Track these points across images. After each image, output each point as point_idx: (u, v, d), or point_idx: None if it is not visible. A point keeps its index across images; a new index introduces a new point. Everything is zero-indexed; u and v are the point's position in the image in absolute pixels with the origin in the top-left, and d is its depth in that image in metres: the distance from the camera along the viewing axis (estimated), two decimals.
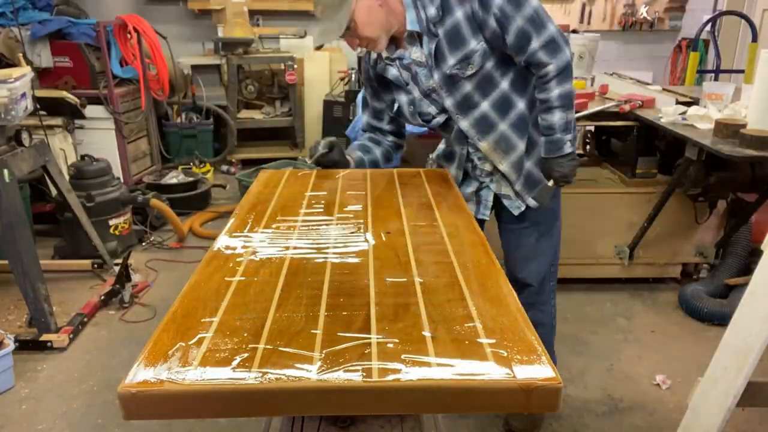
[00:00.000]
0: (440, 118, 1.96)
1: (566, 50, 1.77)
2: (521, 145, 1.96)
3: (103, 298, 3.18)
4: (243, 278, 1.30)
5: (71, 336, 2.87)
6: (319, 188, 1.94)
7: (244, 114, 5.64)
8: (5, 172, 2.73)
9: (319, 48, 5.64)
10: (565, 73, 1.79)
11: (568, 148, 1.88)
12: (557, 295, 3.27)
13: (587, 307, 3.21)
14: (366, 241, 1.50)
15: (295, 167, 4.57)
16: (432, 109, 1.94)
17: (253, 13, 5.64)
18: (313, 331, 1.08)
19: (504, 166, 1.99)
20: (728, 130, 2.60)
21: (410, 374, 0.95)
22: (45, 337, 2.82)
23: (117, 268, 3.31)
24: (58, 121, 4.12)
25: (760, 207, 3.10)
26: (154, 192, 4.09)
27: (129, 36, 4.78)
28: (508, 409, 0.99)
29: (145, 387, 0.93)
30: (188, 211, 4.41)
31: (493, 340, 1.05)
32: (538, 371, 0.96)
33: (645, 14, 5.80)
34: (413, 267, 1.35)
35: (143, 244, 4.01)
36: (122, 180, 4.41)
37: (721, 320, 2.94)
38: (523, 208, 2.10)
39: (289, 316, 1.13)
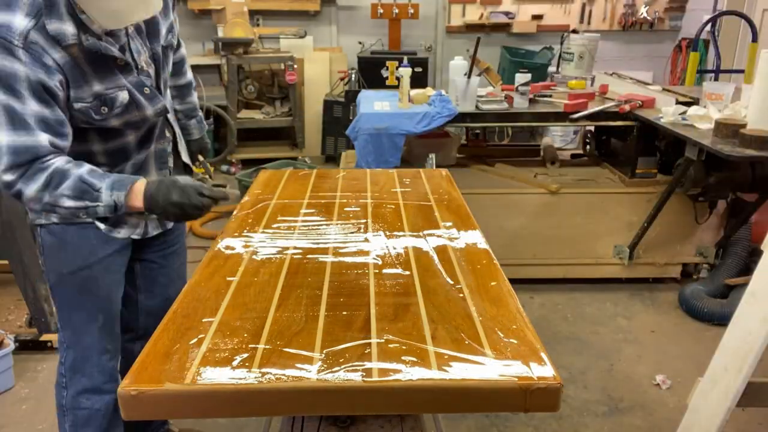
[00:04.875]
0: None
1: None
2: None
3: None
4: (243, 278, 1.30)
5: None
6: (319, 188, 1.94)
7: (244, 114, 5.63)
8: None
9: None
10: None
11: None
12: (558, 295, 3.29)
13: (587, 307, 3.21)
14: (366, 240, 1.51)
15: (295, 167, 4.58)
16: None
17: (253, 13, 5.63)
18: (313, 331, 1.08)
19: (185, 156, 1.81)
20: (728, 130, 2.60)
21: (410, 374, 0.95)
22: (45, 337, 2.81)
23: None
24: None
25: (760, 207, 3.10)
26: None
27: None
28: (508, 409, 0.99)
29: (145, 387, 0.93)
30: None
31: (493, 341, 1.05)
32: (538, 371, 0.96)
33: (645, 14, 5.80)
34: (413, 267, 1.35)
35: None
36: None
37: (721, 320, 2.93)
38: None
39: (289, 316, 1.14)
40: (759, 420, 2.35)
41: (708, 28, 4.18)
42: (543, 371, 0.96)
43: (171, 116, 1.70)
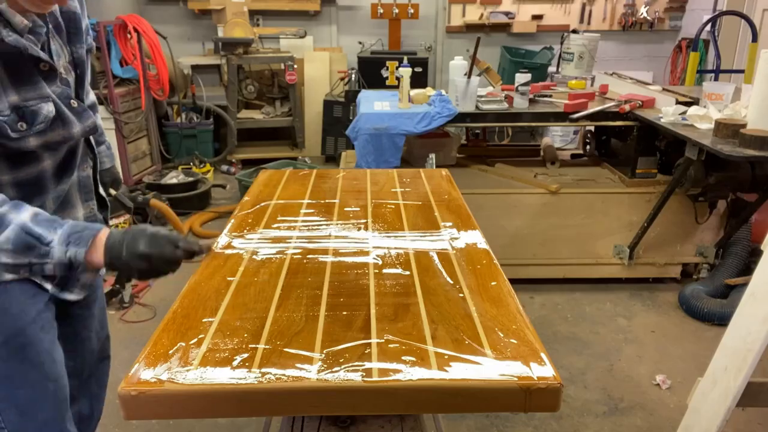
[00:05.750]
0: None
1: None
2: None
3: None
4: (243, 278, 1.30)
5: None
6: (319, 188, 1.94)
7: (244, 114, 5.63)
8: None
9: None
10: None
11: None
12: (558, 295, 3.29)
13: (587, 307, 3.21)
14: (366, 240, 1.50)
15: (295, 167, 4.58)
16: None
17: (253, 13, 5.63)
18: (313, 331, 1.08)
19: (101, 187, 1.50)
20: (728, 130, 2.60)
21: (410, 374, 0.95)
22: None
23: None
24: None
25: (760, 207, 3.10)
26: (154, 192, 4.09)
27: (129, 36, 4.78)
28: (508, 409, 0.99)
29: (145, 387, 0.93)
30: (188, 211, 4.41)
31: (493, 341, 1.05)
32: (538, 371, 0.96)
33: (645, 14, 5.80)
34: (413, 267, 1.35)
35: None
36: (122, 180, 4.41)
37: (721, 320, 2.94)
38: None
39: (289, 316, 1.13)
40: (759, 420, 2.35)
41: (708, 28, 4.19)
42: (543, 371, 0.96)
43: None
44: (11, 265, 1.10)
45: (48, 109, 1.15)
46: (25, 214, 1.09)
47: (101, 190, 1.49)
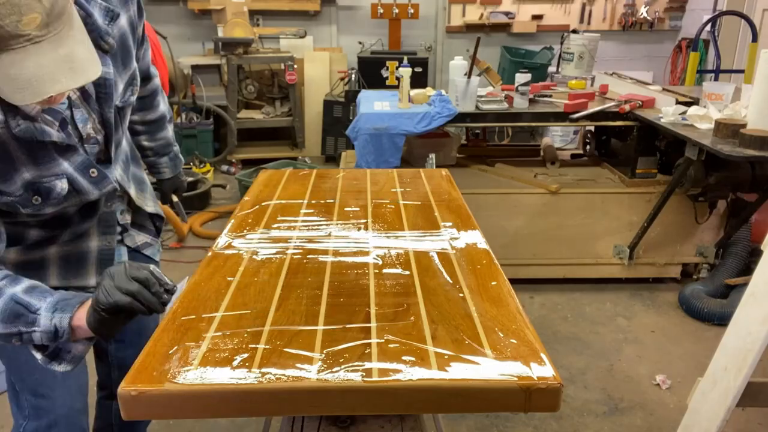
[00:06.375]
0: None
1: None
2: (145, 175, 1.62)
3: None
4: (243, 278, 1.30)
5: None
6: (319, 188, 1.94)
7: (244, 114, 5.63)
8: None
9: None
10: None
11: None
12: (558, 295, 3.29)
13: (587, 307, 3.21)
14: (366, 240, 1.50)
15: (295, 167, 4.58)
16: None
17: (253, 13, 5.63)
18: (313, 331, 1.08)
19: (150, 206, 1.56)
20: (728, 130, 2.60)
21: (410, 374, 0.95)
22: None
23: None
24: None
25: (760, 207, 3.10)
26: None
27: None
28: (508, 409, 0.99)
29: (145, 387, 0.93)
30: (188, 211, 4.41)
31: (493, 341, 1.05)
32: (538, 371, 0.96)
33: (645, 14, 5.80)
34: (413, 267, 1.35)
35: None
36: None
37: (721, 320, 2.94)
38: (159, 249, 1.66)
39: (289, 316, 1.14)
40: (759, 420, 2.35)
41: (708, 28, 4.19)
42: (543, 371, 0.96)
43: (120, 175, 1.39)
44: (3, 334, 1.09)
45: (61, 186, 1.18)
46: (19, 287, 1.09)
47: (150, 208, 1.54)
